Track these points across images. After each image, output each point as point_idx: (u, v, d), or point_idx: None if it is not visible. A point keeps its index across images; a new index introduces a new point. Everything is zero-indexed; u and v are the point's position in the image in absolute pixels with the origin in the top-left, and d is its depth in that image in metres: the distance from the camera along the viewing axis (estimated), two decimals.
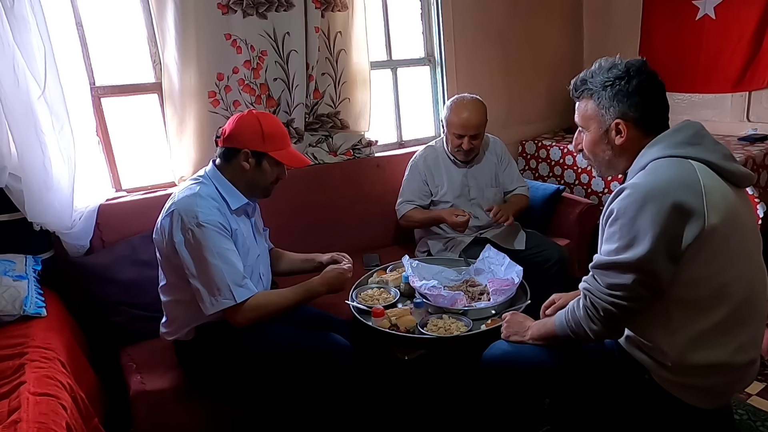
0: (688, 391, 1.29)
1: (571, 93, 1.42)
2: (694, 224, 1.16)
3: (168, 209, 1.63)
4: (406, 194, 2.55)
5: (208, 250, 1.55)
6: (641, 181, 1.21)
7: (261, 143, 1.66)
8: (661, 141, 1.28)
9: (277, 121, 1.74)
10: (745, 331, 1.25)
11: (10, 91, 1.83)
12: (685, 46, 3.20)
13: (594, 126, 1.36)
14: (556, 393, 1.65)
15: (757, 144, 2.90)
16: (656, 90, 1.30)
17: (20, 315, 1.75)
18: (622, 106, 1.30)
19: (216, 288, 1.55)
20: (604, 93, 1.32)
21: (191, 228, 1.55)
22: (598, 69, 1.35)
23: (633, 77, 1.28)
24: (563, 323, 1.37)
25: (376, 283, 2.12)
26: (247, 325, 1.61)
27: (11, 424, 1.23)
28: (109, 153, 2.34)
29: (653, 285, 1.20)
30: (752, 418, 1.95)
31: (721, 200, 1.19)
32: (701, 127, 1.30)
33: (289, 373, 1.70)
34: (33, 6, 1.81)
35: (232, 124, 1.68)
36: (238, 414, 1.84)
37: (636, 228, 1.18)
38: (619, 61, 1.33)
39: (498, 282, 1.95)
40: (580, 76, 1.39)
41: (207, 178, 1.70)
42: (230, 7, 2.33)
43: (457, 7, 3.10)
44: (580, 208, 2.75)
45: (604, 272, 1.26)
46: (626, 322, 1.30)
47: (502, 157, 2.58)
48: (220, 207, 1.64)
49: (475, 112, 2.35)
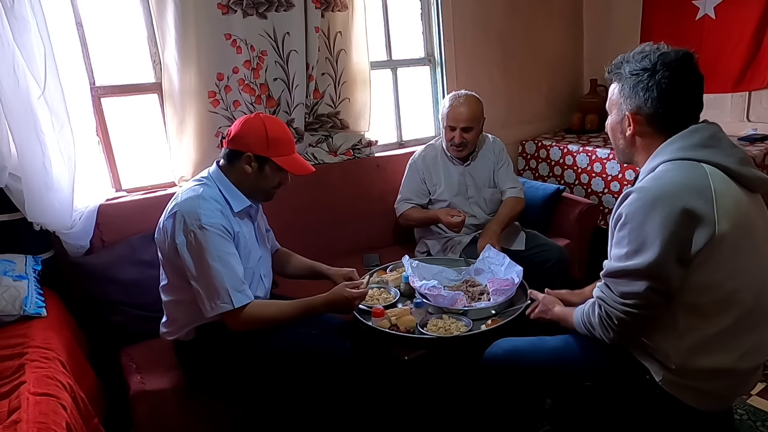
0: (689, 393, 1.28)
1: (606, 73, 1.39)
2: (704, 230, 1.15)
3: (171, 210, 1.62)
4: (405, 193, 2.56)
5: (209, 253, 1.54)
6: (649, 185, 1.20)
7: (265, 148, 1.64)
8: (675, 142, 1.25)
9: (284, 127, 1.72)
10: (751, 338, 1.24)
11: (10, 91, 1.82)
12: (685, 46, 3.18)
13: (615, 111, 1.36)
14: (556, 393, 1.65)
15: (757, 144, 2.90)
16: (682, 88, 1.25)
17: (20, 315, 1.75)
18: (638, 99, 1.27)
19: (215, 292, 1.55)
20: (628, 82, 1.29)
21: (193, 230, 1.55)
22: (635, 55, 1.31)
23: (657, 71, 1.25)
24: (581, 324, 1.40)
25: (376, 283, 2.12)
26: (242, 331, 1.61)
27: (11, 424, 1.23)
28: (109, 153, 2.34)
29: (665, 291, 1.19)
30: (752, 418, 1.95)
31: (732, 206, 1.18)
32: (718, 129, 1.27)
33: (288, 374, 1.70)
34: (33, 6, 1.80)
35: (238, 126, 1.66)
36: (238, 414, 1.84)
37: (645, 233, 1.17)
38: (658, 50, 1.28)
39: (498, 282, 1.94)
40: (618, 58, 1.35)
41: (210, 180, 1.69)
42: (230, 7, 2.33)
43: (457, 7, 3.10)
44: (580, 208, 2.75)
45: (615, 280, 1.25)
46: (640, 329, 1.29)
47: (498, 156, 2.58)
48: (222, 209, 1.63)
49: (467, 105, 2.37)
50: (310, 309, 1.67)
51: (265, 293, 1.82)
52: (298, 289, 2.03)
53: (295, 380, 1.72)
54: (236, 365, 1.70)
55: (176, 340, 1.74)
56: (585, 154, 3.12)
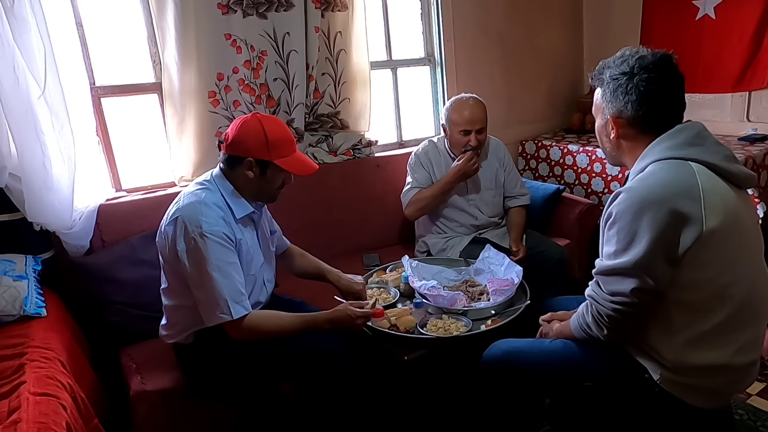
0: (687, 391, 1.29)
1: (589, 79, 1.41)
2: (692, 229, 1.16)
3: (172, 215, 1.60)
4: (413, 182, 2.48)
5: (209, 262, 1.53)
6: (638, 185, 1.22)
7: (265, 152, 1.60)
8: (662, 142, 1.27)
9: (282, 126, 1.67)
10: (746, 333, 1.25)
11: (10, 91, 1.82)
12: (685, 46, 3.20)
13: (599, 116, 1.39)
14: (556, 393, 1.65)
15: (757, 144, 2.90)
16: (661, 89, 1.27)
17: (20, 315, 1.75)
18: (618, 103, 1.30)
19: (215, 302, 1.54)
20: (609, 87, 1.32)
21: (194, 237, 1.53)
22: (615, 60, 1.33)
23: (636, 74, 1.27)
24: (578, 328, 1.41)
25: (376, 283, 2.12)
26: (242, 340, 1.60)
27: (11, 424, 1.23)
28: (109, 153, 2.34)
29: (652, 289, 1.21)
30: (752, 418, 1.95)
31: (720, 203, 1.19)
32: (703, 128, 1.29)
33: (286, 372, 1.70)
34: (33, 6, 1.80)
35: (234, 129, 1.61)
36: (237, 414, 1.84)
37: (633, 232, 1.19)
38: (636, 53, 1.30)
39: (498, 282, 1.94)
40: (600, 64, 1.38)
41: (213, 184, 1.66)
42: (230, 7, 2.33)
43: (457, 7, 3.10)
44: (580, 208, 2.75)
45: (605, 278, 1.27)
46: (632, 326, 1.30)
47: (504, 161, 2.56)
48: (225, 216, 1.61)
49: (477, 107, 2.36)
50: (313, 325, 1.66)
51: (267, 298, 1.82)
52: (297, 290, 2.03)
53: (292, 378, 1.72)
54: (235, 366, 1.69)
55: (176, 344, 1.74)
56: (585, 154, 3.12)
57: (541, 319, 1.63)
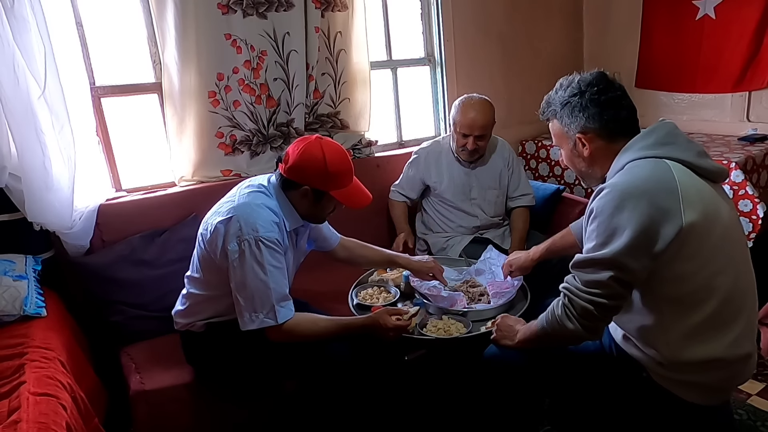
0: (686, 387, 1.30)
1: (540, 116, 1.47)
2: (672, 223, 1.18)
3: (226, 212, 1.60)
4: (401, 182, 2.62)
5: (261, 266, 1.54)
6: (619, 181, 1.25)
7: (324, 183, 1.61)
8: (635, 144, 1.31)
9: (343, 156, 1.65)
10: (737, 323, 1.26)
11: (10, 91, 1.82)
12: (685, 46, 3.20)
13: (564, 143, 1.43)
14: (556, 393, 1.65)
15: (757, 144, 2.89)
16: (612, 99, 1.33)
17: (20, 315, 1.75)
18: (580, 120, 1.35)
19: (259, 305, 1.55)
20: (563, 111, 1.38)
21: (248, 239, 1.54)
22: (558, 89, 1.40)
23: (585, 92, 1.33)
24: (543, 324, 1.39)
25: (376, 281, 2.12)
26: (279, 342, 1.61)
27: (11, 424, 1.23)
28: (109, 153, 2.34)
29: (628, 281, 1.23)
30: (752, 418, 1.95)
31: (697, 196, 1.22)
32: (674, 127, 1.33)
33: (290, 369, 1.71)
34: (33, 6, 1.80)
35: (296, 153, 1.58)
36: (238, 414, 1.84)
37: (613, 225, 1.21)
38: (575, 78, 1.38)
39: (497, 285, 1.95)
40: (545, 99, 1.45)
41: (271, 193, 1.67)
42: (230, 7, 2.33)
43: (457, 7, 3.10)
44: (580, 208, 2.74)
45: (582, 270, 1.29)
46: (603, 321, 1.31)
47: (509, 162, 2.56)
48: (279, 223, 1.63)
49: (481, 113, 2.34)
50: (348, 330, 1.68)
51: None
52: (298, 291, 2.03)
53: (294, 376, 1.73)
54: (241, 357, 1.70)
55: (186, 332, 1.75)
56: None
57: (492, 323, 1.63)
